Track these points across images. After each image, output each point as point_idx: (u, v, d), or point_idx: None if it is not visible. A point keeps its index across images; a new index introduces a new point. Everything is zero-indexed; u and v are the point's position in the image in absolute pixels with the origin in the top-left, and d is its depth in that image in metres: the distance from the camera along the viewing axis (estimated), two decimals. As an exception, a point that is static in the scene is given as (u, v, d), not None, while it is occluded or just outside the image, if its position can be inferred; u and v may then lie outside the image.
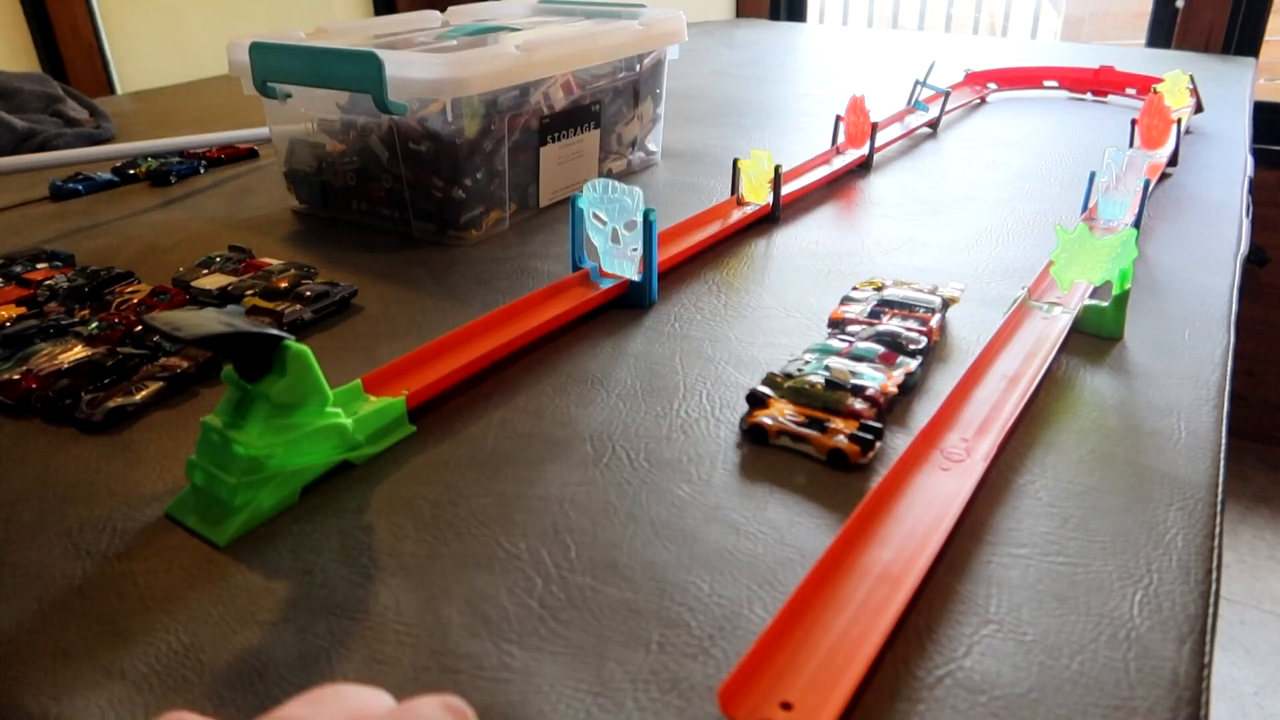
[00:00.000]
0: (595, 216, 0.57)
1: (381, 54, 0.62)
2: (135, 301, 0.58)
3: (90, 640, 0.32)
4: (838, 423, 0.43)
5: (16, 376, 0.48)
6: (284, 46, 0.68)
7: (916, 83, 1.03)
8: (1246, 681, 1.41)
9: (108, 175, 0.88)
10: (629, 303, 0.59)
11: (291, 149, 0.77)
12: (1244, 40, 1.72)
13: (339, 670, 0.31)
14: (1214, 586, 0.35)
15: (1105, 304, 0.53)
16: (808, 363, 0.48)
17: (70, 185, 0.85)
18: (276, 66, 0.69)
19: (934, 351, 0.52)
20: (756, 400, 0.45)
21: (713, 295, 0.61)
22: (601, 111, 0.81)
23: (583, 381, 0.50)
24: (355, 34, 0.82)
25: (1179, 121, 0.87)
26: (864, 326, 0.52)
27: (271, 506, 0.39)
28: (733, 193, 0.74)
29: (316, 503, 0.40)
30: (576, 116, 0.78)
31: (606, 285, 0.58)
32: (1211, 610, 0.33)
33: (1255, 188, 0.92)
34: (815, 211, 0.77)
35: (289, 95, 0.71)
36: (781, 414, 0.44)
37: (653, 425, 0.45)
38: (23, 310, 0.57)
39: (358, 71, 0.63)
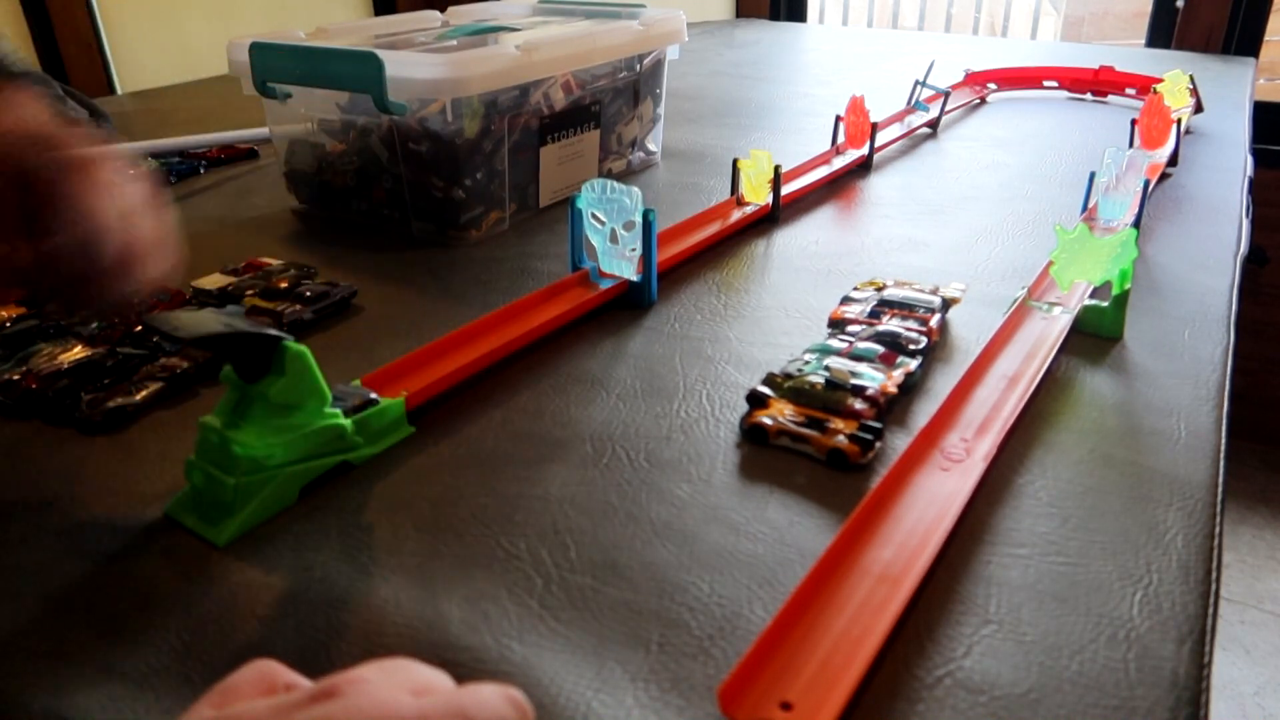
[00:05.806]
0: (594, 217, 0.57)
1: (381, 54, 0.63)
2: (135, 302, 0.58)
3: (90, 640, 0.32)
4: (838, 423, 0.43)
5: (16, 376, 0.48)
6: (284, 46, 0.68)
7: (916, 83, 1.03)
8: (1246, 681, 1.41)
9: (108, 175, 0.88)
10: (629, 303, 0.59)
11: (291, 149, 0.77)
12: (1244, 40, 1.72)
13: (338, 663, 0.31)
14: (1214, 586, 0.35)
15: (1105, 304, 0.53)
16: (808, 363, 0.48)
17: (70, 185, 0.84)
18: (276, 66, 0.69)
19: (934, 351, 0.52)
20: (756, 400, 0.45)
21: (713, 295, 0.61)
22: (601, 111, 0.81)
23: (583, 381, 0.50)
24: (355, 34, 0.82)
25: (1179, 121, 0.86)
26: (864, 326, 0.52)
27: (271, 506, 0.39)
28: (733, 193, 0.74)
29: (316, 503, 0.40)
30: (576, 116, 0.78)
31: (606, 285, 0.58)
32: (1211, 610, 0.33)
33: (1255, 188, 0.92)
34: (815, 211, 0.77)
35: (289, 95, 0.71)
36: (781, 414, 0.44)
37: (653, 425, 0.45)
38: (23, 310, 0.57)
39: (358, 71, 0.63)
